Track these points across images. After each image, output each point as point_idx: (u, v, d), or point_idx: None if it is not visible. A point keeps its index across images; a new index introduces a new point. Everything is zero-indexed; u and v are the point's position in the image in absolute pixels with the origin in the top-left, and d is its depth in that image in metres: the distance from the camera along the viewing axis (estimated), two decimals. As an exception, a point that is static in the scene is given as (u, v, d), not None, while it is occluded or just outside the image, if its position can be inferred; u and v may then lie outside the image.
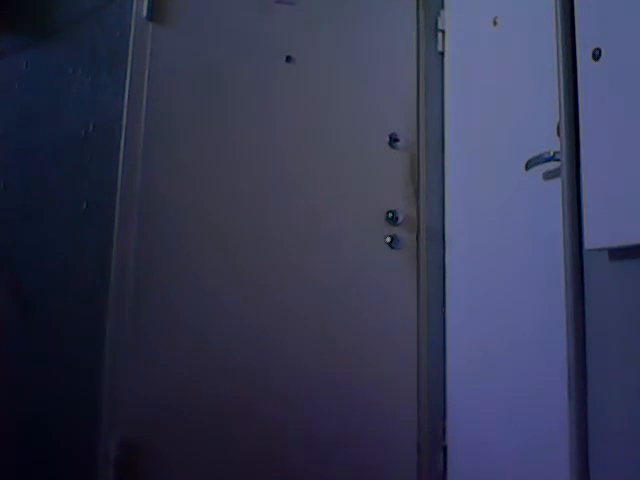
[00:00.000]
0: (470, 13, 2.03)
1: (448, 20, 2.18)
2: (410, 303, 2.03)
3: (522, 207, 1.62)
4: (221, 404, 1.85)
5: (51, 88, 1.90)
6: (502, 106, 1.77)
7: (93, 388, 1.78)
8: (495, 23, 1.83)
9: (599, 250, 1.24)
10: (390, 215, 2.04)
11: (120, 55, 1.95)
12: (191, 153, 1.95)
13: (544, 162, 1.45)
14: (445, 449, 1.96)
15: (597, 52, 1.21)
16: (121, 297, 1.83)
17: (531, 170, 1.52)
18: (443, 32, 2.19)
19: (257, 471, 1.84)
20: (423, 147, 2.13)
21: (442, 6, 2.21)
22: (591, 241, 1.22)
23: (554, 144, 1.41)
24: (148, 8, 1.97)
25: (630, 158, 1.12)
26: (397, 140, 2.10)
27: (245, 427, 1.85)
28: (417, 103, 2.14)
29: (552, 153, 1.41)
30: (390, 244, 2.03)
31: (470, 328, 1.88)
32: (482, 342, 1.79)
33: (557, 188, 1.38)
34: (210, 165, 1.96)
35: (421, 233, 2.08)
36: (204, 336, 1.87)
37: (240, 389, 1.87)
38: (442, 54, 2.19)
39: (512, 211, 1.68)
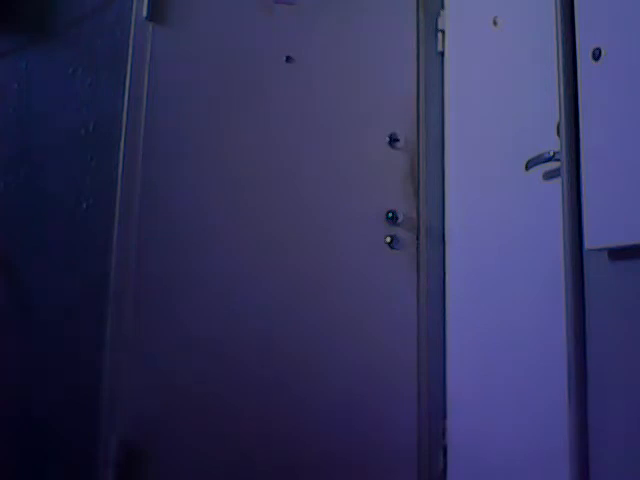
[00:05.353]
0: (470, 13, 2.03)
1: (448, 20, 2.18)
2: (410, 303, 2.03)
3: (522, 207, 1.62)
4: (221, 404, 1.85)
5: (51, 88, 1.90)
6: (502, 106, 1.77)
7: (93, 388, 1.77)
8: (495, 23, 1.83)
9: (599, 250, 1.24)
10: (390, 215, 2.04)
11: (120, 55, 1.95)
12: (191, 153, 1.95)
13: (544, 162, 1.45)
14: (445, 449, 1.96)
15: (597, 52, 1.21)
16: (121, 297, 1.83)
17: (531, 170, 1.52)
18: (443, 32, 2.19)
19: (258, 472, 1.84)
20: (423, 147, 2.13)
21: (442, 6, 2.21)
22: (591, 241, 1.22)
23: (554, 144, 1.41)
24: (148, 8, 1.97)
25: (630, 158, 1.12)
26: (397, 140, 2.10)
27: (245, 427, 1.85)
28: (417, 103, 2.14)
29: (552, 153, 1.41)
30: (390, 244, 2.03)
31: (470, 328, 1.88)
32: (482, 342, 1.79)
33: (557, 188, 1.38)
34: (210, 165, 1.96)
35: (421, 233, 2.08)
36: (204, 336, 1.87)
37: (240, 389, 1.87)
38: (442, 54, 2.19)
39: (512, 211, 1.68)
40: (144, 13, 1.97)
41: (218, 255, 1.92)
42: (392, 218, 2.04)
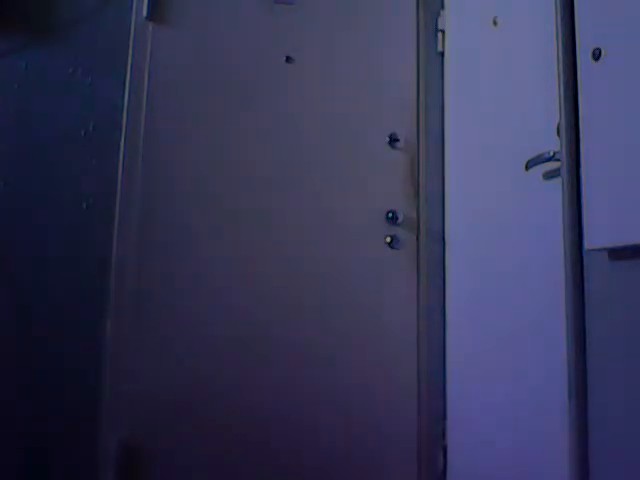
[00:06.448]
0: (470, 13, 2.03)
1: (448, 20, 2.18)
2: (410, 303, 2.03)
3: (522, 207, 1.62)
4: (222, 403, 1.85)
5: (51, 88, 1.90)
6: (502, 106, 1.77)
7: (93, 388, 1.77)
8: (495, 23, 1.83)
9: (599, 250, 1.24)
10: (390, 215, 2.04)
11: (120, 55, 1.95)
12: (191, 153, 1.95)
13: (544, 162, 1.45)
14: (445, 449, 1.96)
15: (597, 52, 1.21)
16: (121, 297, 1.83)
17: (531, 170, 1.52)
18: (443, 32, 2.19)
19: (258, 471, 1.84)
20: (423, 147, 2.13)
21: (442, 6, 2.21)
22: (591, 241, 1.22)
23: (554, 144, 1.41)
24: (148, 8, 1.97)
25: (630, 158, 1.12)
26: (397, 140, 2.10)
27: (245, 426, 1.85)
28: (417, 103, 2.14)
29: (552, 153, 1.41)
30: (390, 244, 2.03)
31: (470, 328, 1.88)
32: (482, 342, 1.79)
33: (557, 188, 1.38)
34: (209, 165, 1.96)
35: (421, 233, 2.08)
36: (204, 335, 1.87)
37: (241, 389, 1.87)
38: (442, 54, 2.19)
39: (512, 211, 1.68)
40: (144, 13, 1.97)
41: (219, 254, 1.92)
42: (392, 218, 2.04)
